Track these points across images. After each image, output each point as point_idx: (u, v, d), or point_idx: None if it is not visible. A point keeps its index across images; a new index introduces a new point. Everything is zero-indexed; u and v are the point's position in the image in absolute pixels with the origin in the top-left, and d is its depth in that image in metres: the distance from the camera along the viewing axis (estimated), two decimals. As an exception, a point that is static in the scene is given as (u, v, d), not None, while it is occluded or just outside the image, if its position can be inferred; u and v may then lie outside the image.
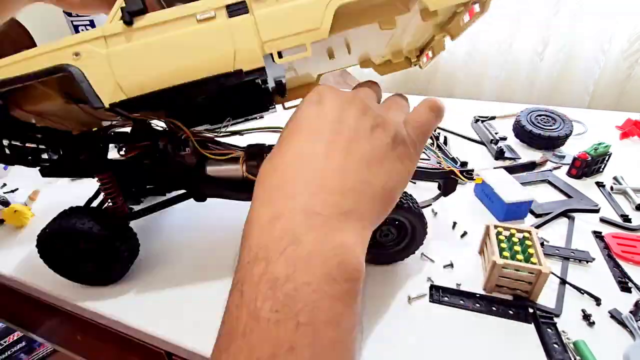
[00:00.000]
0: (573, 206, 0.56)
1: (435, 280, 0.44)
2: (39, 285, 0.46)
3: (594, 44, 0.97)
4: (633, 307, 0.40)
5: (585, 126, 0.83)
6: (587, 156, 0.62)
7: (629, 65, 0.96)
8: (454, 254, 0.48)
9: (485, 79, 1.12)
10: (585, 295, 0.42)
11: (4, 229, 0.56)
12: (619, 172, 0.64)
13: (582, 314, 0.40)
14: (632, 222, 0.53)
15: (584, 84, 1.02)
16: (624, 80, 0.98)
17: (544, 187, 0.63)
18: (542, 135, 0.72)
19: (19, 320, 0.67)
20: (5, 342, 1.09)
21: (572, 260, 0.47)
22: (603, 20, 0.94)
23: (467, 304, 0.41)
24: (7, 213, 0.55)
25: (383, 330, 0.39)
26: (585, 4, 0.94)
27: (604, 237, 0.50)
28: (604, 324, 0.39)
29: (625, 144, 0.77)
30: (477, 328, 0.39)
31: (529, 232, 0.44)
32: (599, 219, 0.54)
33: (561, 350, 0.36)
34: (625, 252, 0.48)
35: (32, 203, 0.59)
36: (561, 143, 0.73)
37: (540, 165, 0.68)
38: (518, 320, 0.39)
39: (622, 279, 0.44)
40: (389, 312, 0.41)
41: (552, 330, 0.38)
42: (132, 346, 0.45)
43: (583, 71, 1.01)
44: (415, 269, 0.46)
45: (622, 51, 0.96)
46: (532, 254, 0.41)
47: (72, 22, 0.78)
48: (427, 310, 0.41)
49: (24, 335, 1.10)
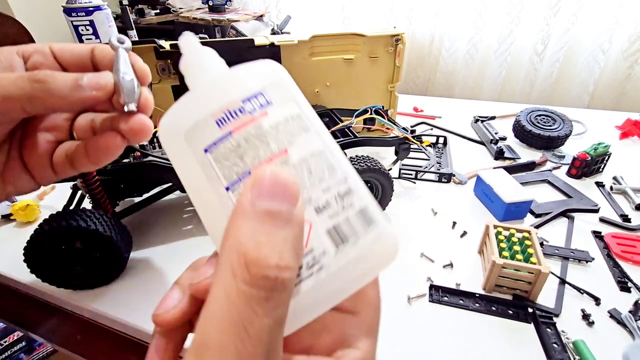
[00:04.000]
0: (573, 206, 0.56)
1: (435, 280, 0.44)
2: (39, 285, 0.46)
3: (594, 44, 0.97)
4: (632, 306, 0.40)
5: (585, 126, 0.83)
6: (586, 156, 0.62)
7: (629, 65, 0.96)
8: (454, 253, 0.48)
9: (485, 79, 1.12)
10: (584, 295, 0.42)
11: (9, 227, 0.56)
12: (619, 172, 0.64)
13: (581, 313, 0.40)
14: (632, 222, 0.53)
15: (584, 84, 1.02)
16: (624, 80, 0.99)
17: (544, 187, 0.63)
18: (541, 135, 0.72)
19: (19, 320, 0.67)
20: (5, 342, 1.09)
21: (571, 260, 0.47)
22: (603, 20, 0.94)
23: (466, 304, 0.41)
24: (17, 207, 0.55)
25: (383, 330, 0.39)
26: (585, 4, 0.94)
27: (603, 237, 0.50)
28: (603, 323, 0.39)
29: (625, 144, 0.77)
30: (476, 328, 0.39)
31: (529, 232, 0.44)
32: (599, 218, 0.54)
33: (560, 349, 0.36)
34: (624, 252, 0.48)
35: (39, 201, 0.59)
36: (561, 143, 0.73)
37: (540, 165, 0.68)
38: (517, 320, 0.39)
39: (622, 278, 0.44)
40: (389, 312, 0.41)
41: (552, 330, 0.38)
42: (132, 346, 0.45)
43: (583, 71, 1.01)
44: (415, 268, 0.46)
45: (622, 51, 0.96)
46: (531, 253, 0.41)
47: (72, 22, 0.78)
48: (426, 310, 0.41)
49: (24, 335, 1.10)
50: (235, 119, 0.15)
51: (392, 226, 0.15)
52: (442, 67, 1.15)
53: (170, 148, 0.16)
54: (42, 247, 0.40)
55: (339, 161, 0.15)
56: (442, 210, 0.57)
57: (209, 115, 0.15)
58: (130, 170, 0.46)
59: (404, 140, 0.57)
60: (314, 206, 0.14)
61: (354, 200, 0.15)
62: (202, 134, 0.15)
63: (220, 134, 0.15)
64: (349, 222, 0.14)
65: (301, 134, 0.15)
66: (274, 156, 0.14)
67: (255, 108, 0.15)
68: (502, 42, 1.03)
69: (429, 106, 0.95)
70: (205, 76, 0.16)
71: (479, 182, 0.59)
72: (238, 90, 0.15)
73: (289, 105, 0.16)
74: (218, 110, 0.15)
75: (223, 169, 0.15)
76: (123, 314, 0.42)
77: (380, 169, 0.49)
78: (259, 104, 0.15)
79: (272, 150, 0.15)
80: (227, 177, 0.15)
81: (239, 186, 0.14)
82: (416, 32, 1.15)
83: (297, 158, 0.15)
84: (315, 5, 1.24)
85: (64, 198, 0.51)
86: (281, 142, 0.15)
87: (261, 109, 0.15)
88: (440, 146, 0.75)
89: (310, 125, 0.16)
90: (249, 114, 0.15)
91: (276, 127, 0.15)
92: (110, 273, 0.44)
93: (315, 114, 0.16)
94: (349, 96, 0.69)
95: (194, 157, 0.15)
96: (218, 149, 0.15)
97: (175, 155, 0.15)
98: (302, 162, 0.15)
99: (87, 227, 0.39)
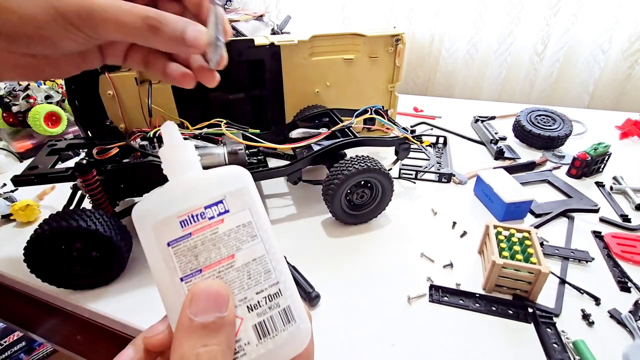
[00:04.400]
0: (573, 206, 0.56)
1: (435, 280, 0.44)
2: (39, 285, 0.46)
3: (594, 44, 0.97)
4: (632, 306, 0.40)
5: (585, 126, 0.83)
6: (586, 156, 0.62)
7: (629, 65, 0.96)
8: (454, 253, 0.48)
9: (485, 79, 1.12)
10: (584, 295, 0.42)
11: (9, 227, 0.56)
12: (619, 172, 0.64)
13: (581, 313, 0.40)
14: (632, 222, 0.53)
15: (584, 84, 1.02)
16: (624, 80, 0.99)
17: (544, 187, 0.63)
18: (541, 135, 0.72)
19: (19, 320, 0.67)
20: (5, 342, 1.09)
21: (571, 260, 0.47)
22: (603, 20, 0.94)
23: (466, 304, 0.41)
24: (17, 207, 0.55)
25: (383, 330, 0.39)
26: (585, 4, 0.94)
27: (603, 237, 0.50)
28: (603, 323, 0.39)
29: (624, 144, 0.77)
30: (476, 328, 0.39)
31: (529, 232, 0.44)
32: (599, 218, 0.54)
33: (560, 349, 0.36)
34: (624, 252, 0.48)
35: (39, 201, 0.59)
36: (561, 143, 0.73)
37: (540, 165, 0.68)
38: (517, 320, 0.39)
39: (622, 278, 0.44)
40: (389, 312, 0.41)
41: (552, 330, 0.38)
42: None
43: (583, 71, 1.01)
44: (415, 269, 0.46)
45: (622, 51, 0.96)
46: (531, 253, 0.41)
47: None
48: (426, 310, 0.41)
49: (24, 335, 1.10)
50: (196, 223, 0.18)
51: (307, 320, 0.19)
52: (442, 67, 1.15)
53: (141, 233, 0.18)
54: (42, 247, 0.40)
55: (276, 264, 0.19)
56: (442, 210, 0.57)
57: (175, 215, 0.17)
58: (130, 170, 0.46)
59: (404, 141, 0.57)
60: (247, 305, 0.17)
61: (280, 301, 0.18)
62: (168, 229, 0.17)
63: (182, 233, 0.17)
64: (272, 319, 0.18)
65: (248, 240, 0.18)
66: (222, 260, 0.18)
67: (214, 215, 0.18)
68: (502, 42, 1.03)
69: (429, 106, 0.95)
70: (178, 174, 0.19)
71: (479, 182, 0.59)
72: (202, 197, 0.18)
73: (243, 213, 0.18)
74: (183, 212, 0.18)
75: (180, 263, 0.17)
76: (123, 314, 0.42)
77: (380, 169, 0.49)
78: (218, 211, 0.18)
79: (222, 255, 0.18)
80: (183, 270, 0.17)
81: (191, 280, 0.17)
82: (416, 32, 1.15)
83: (241, 263, 0.18)
84: (315, 5, 1.24)
85: (64, 198, 0.51)
86: (230, 247, 0.18)
87: (219, 217, 0.18)
88: (440, 146, 0.75)
89: (257, 232, 0.19)
90: (208, 219, 0.18)
91: (228, 234, 0.18)
92: (110, 273, 0.44)
93: (265, 215, 0.19)
94: (349, 96, 0.69)
95: (158, 247, 0.18)
96: (179, 246, 0.17)
97: (144, 241, 0.18)
98: (245, 266, 0.18)
99: (87, 227, 0.39)
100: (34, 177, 0.46)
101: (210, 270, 0.17)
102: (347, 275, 0.45)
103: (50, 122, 0.73)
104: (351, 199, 0.51)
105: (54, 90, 0.78)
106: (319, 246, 0.50)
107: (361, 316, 0.40)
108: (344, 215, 0.52)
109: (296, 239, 0.51)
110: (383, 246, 0.50)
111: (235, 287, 0.18)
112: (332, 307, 0.41)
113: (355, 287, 0.44)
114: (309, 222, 0.55)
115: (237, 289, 0.18)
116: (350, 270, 0.46)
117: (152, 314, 0.40)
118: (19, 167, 0.72)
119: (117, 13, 0.19)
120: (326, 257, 0.48)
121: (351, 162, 0.48)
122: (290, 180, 0.52)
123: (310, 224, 0.54)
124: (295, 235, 0.52)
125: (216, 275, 0.17)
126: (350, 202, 0.52)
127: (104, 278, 0.44)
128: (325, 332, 0.39)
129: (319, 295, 0.41)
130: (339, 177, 0.48)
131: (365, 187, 0.51)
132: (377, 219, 0.54)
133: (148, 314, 0.41)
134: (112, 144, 0.46)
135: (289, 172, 0.51)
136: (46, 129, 0.71)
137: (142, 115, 0.54)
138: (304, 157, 0.52)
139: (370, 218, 0.54)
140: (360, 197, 0.52)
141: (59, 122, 0.74)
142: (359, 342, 0.38)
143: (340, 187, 0.48)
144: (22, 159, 0.74)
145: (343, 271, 0.46)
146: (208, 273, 0.17)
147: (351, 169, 0.48)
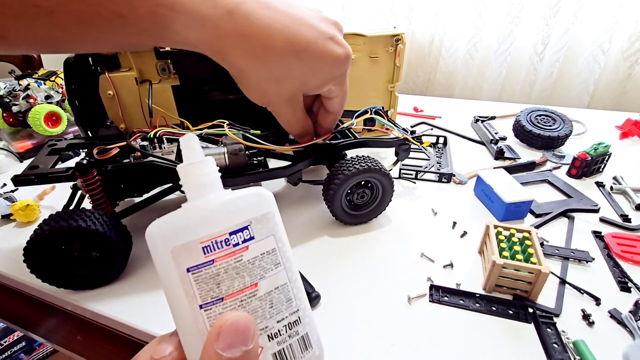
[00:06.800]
0: (573, 206, 0.56)
1: (435, 280, 0.44)
2: (39, 285, 0.46)
3: (594, 44, 0.97)
4: (633, 306, 0.40)
5: (585, 126, 0.83)
6: (587, 156, 0.63)
7: (629, 65, 0.96)
8: (454, 253, 0.48)
9: (485, 79, 1.12)
10: (585, 295, 0.42)
11: (9, 227, 0.56)
12: (619, 172, 0.64)
13: (581, 313, 0.40)
14: (632, 222, 0.53)
15: (584, 84, 1.02)
16: (624, 80, 0.99)
17: (544, 187, 0.63)
18: (542, 135, 0.72)
19: (19, 320, 0.67)
20: (5, 342, 1.09)
21: (571, 260, 0.47)
22: (603, 20, 0.94)
23: (466, 304, 0.41)
24: (17, 207, 0.54)
25: (383, 330, 0.39)
26: (585, 4, 0.94)
27: (603, 237, 0.50)
28: (603, 323, 0.39)
29: (625, 144, 0.77)
30: (476, 328, 0.39)
31: (529, 232, 0.44)
32: (599, 218, 0.54)
33: (561, 350, 0.36)
34: (625, 252, 0.48)
35: (39, 201, 0.59)
36: (561, 143, 0.73)
37: (540, 165, 0.68)
38: (518, 320, 0.39)
39: (622, 278, 0.44)
40: (389, 312, 0.41)
41: (552, 330, 0.38)
42: (132, 346, 0.45)
43: (583, 71, 1.01)
44: (415, 268, 0.46)
45: (622, 51, 0.96)
46: (531, 253, 0.41)
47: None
48: (426, 310, 0.41)
49: (24, 335, 1.10)
50: (220, 250, 0.17)
51: (322, 346, 0.19)
52: (442, 67, 1.15)
53: (156, 255, 0.17)
54: (42, 247, 0.40)
55: (297, 292, 0.18)
56: (442, 210, 0.57)
57: (197, 241, 0.16)
58: (130, 170, 0.46)
59: (404, 141, 0.57)
60: (268, 334, 0.17)
61: (299, 329, 0.18)
62: (189, 255, 0.16)
63: (204, 259, 0.17)
64: (291, 347, 0.18)
65: (272, 268, 0.18)
66: (245, 288, 0.17)
67: (239, 242, 0.17)
68: (502, 42, 1.03)
69: (429, 106, 0.95)
70: (201, 196, 0.18)
71: (479, 182, 0.59)
72: (227, 222, 0.17)
73: (267, 240, 0.18)
74: (206, 238, 0.17)
75: (201, 290, 0.17)
76: (123, 314, 0.41)
77: (381, 169, 0.49)
78: (243, 238, 0.17)
79: (245, 283, 0.17)
80: (203, 298, 0.17)
81: (210, 307, 0.17)
82: (416, 32, 1.15)
83: (264, 291, 0.17)
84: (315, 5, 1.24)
85: (64, 198, 0.51)
86: (254, 276, 0.17)
87: (244, 244, 0.17)
88: (440, 146, 0.75)
89: (280, 259, 0.18)
90: (232, 246, 0.17)
91: (253, 262, 0.17)
92: (110, 273, 0.44)
93: (287, 241, 0.19)
94: (349, 96, 0.69)
95: (177, 271, 0.17)
96: (199, 272, 0.17)
97: (160, 264, 0.17)
98: (267, 295, 0.17)
99: (87, 227, 0.39)
100: (34, 177, 0.46)
101: (233, 299, 0.17)
102: (347, 275, 0.46)
103: (51, 122, 0.73)
104: (351, 199, 0.51)
105: (54, 90, 0.78)
106: (319, 246, 0.50)
107: (361, 316, 0.40)
108: (344, 216, 0.52)
109: (296, 239, 0.51)
110: (383, 246, 0.50)
111: (257, 316, 0.17)
112: (332, 307, 0.41)
113: (355, 287, 0.44)
114: (309, 222, 0.55)
115: (259, 318, 0.17)
116: (351, 270, 0.46)
117: (152, 314, 0.40)
118: (19, 167, 0.72)
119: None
120: (326, 257, 0.48)
121: (351, 162, 0.49)
122: (290, 182, 0.52)
123: (310, 224, 0.54)
124: (295, 236, 0.52)
125: (238, 304, 0.17)
126: (350, 202, 0.52)
127: (104, 278, 0.44)
128: (326, 332, 0.39)
129: (319, 296, 0.41)
130: (339, 177, 0.48)
131: (365, 187, 0.51)
132: (377, 219, 0.54)
133: (148, 314, 0.41)
134: (113, 143, 0.46)
135: (289, 173, 0.51)
136: (46, 129, 0.71)
137: (143, 115, 0.54)
138: (305, 159, 0.52)
139: (371, 218, 0.54)
140: (360, 197, 0.52)
141: (59, 122, 0.74)
142: (359, 342, 0.38)
143: (340, 187, 0.48)
144: (22, 159, 0.74)
145: (343, 271, 0.46)
146: (230, 302, 0.17)
147: (351, 169, 0.48)
